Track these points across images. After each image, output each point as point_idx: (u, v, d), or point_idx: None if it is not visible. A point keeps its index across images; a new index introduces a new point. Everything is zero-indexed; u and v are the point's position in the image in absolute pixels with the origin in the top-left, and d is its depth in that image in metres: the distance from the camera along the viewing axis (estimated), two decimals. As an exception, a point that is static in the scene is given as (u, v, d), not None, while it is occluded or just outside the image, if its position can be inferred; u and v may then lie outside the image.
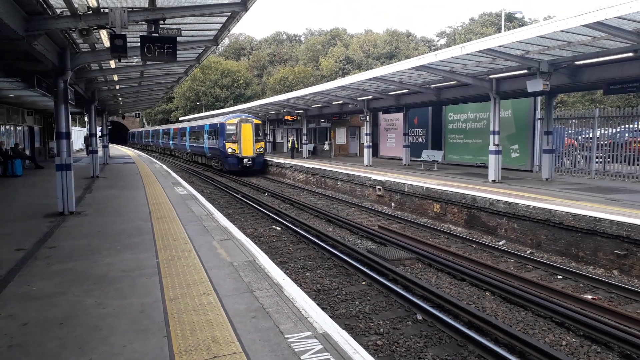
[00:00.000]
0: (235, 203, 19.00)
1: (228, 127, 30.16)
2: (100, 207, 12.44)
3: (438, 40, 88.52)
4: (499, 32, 37.74)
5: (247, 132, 30.18)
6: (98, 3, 9.06)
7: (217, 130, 31.25)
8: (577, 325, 6.90)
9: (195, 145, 38.86)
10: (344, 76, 52.99)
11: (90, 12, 9.14)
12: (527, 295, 7.88)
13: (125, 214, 11.26)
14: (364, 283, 8.98)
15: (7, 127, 25.24)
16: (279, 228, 14.04)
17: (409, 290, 8.39)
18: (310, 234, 12.81)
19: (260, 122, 31.85)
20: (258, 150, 30.57)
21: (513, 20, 65.97)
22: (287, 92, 45.16)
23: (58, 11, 9.41)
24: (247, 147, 30.14)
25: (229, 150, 29.73)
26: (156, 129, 67.13)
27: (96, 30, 9.71)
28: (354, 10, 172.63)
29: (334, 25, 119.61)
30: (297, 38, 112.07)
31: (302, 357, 4.14)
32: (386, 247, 11.56)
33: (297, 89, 49.23)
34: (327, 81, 46.37)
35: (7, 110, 24.28)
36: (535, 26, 11.35)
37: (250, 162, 30.11)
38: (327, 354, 4.22)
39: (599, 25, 10.14)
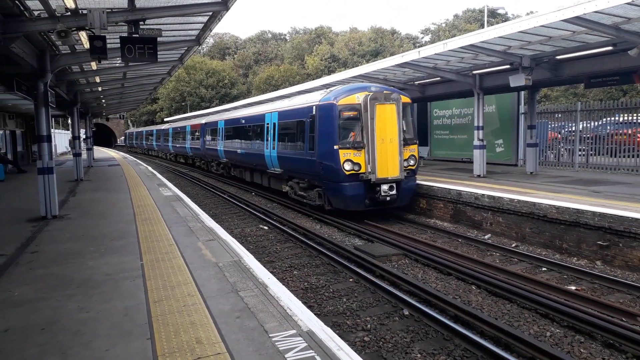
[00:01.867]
0: (222, 203, 18.90)
1: (344, 113, 13.84)
2: (84, 210, 12.31)
3: (422, 37, 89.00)
4: (482, 28, 38.08)
5: (389, 122, 13.60)
6: (76, 4, 8.94)
7: (312, 122, 14.74)
8: (561, 316, 6.97)
9: (241, 152, 22.45)
10: (330, 74, 53.10)
11: (69, 13, 9.03)
12: (513, 288, 7.95)
13: (109, 217, 11.16)
14: (351, 280, 8.99)
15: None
16: (266, 227, 14.00)
17: (395, 286, 8.41)
18: (297, 233, 12.79)
19: (409, 100, 15.02)
20: (408, 163, 14.28)
21: (496, 16, 66.47)
22: (272, 91, 45.01)
23: (35, 13, 9.28)
24: (387, 158, 13.58)
25: (346, 167, 13.39)
26: (163, 128, 49.04)
27: (75, 32, 9.59)
28: (338, 7, 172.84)
29: (318, 24, 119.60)
30: (282, 37, 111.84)
31: (286, 356, 4.13)
32: (373, 243, 11.57)
33: (283, 88, 49.17)
34: (313, 79, 46.37)
35: (-12, 115, 23.93)
36: (517, 21, 11.45)
37: (395, 193, 13.69)
38: (311, 351, 4.22)
39: (578, 20, 10.24)
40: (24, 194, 15.75)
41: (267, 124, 18.78)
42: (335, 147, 13.40)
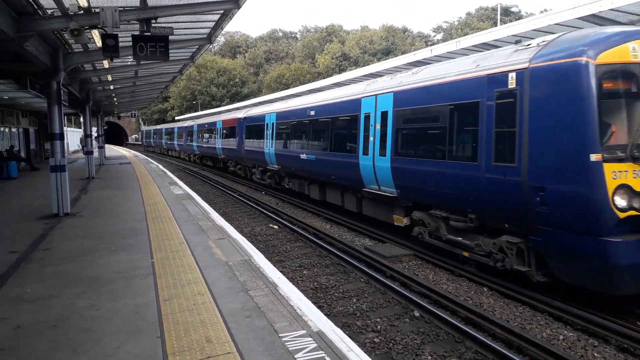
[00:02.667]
0: (232, 202, 18.95)
1: (608, 84, 6.70)
2: (96, 208, 12.39)
3: (435, 36, 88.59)
4: (495, 26, 37.78)
5: None
6: (89, 3, 9.00)
7: (504, 106, 7.75)
8: (574, 319, 6.87)
9: (308, 157, 15.86)
10: (340, 73, 53.08)
11: (82, 12, 9.11)
12: (525, 290, 7.85)
13: (120, 215, 11.21)
14: (361, 281, 8.94)
15: (2, 129, 25.16)
16: (276, 226, 13.99)
17: (406, 287, 8.36)
18: (307, 232, 12.76)
19: None
20: None
21: (509, 14, 65.99)
22: (283, 89, 45.00)
23: (49, 12, 9.36)
24: None
25: (619, 202, 6.37)
26: (186, 125, 40.48)
27: (88, 30, 9.67)
28: (350, 5, 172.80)
29: (329, 22, 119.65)
30: (293, 35, 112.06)
31: (296, 356, 4.10)
32: (384, 243, 11.51)
33: (294, 86, 49.21)
34: (324, 78, 46.34)
35: (2, 112, 24.21)
36: (530, 19, 11.35)
37: None
38: (321, 352, 4.18)
39: (593, 18, 10.12)
40: (37, 192, 15.90)
41: (366, 114, 12.09)
42: (594, 157, 6.45)
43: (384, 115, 11.27)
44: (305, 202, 17.21)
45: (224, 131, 28.38)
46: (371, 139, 11.76)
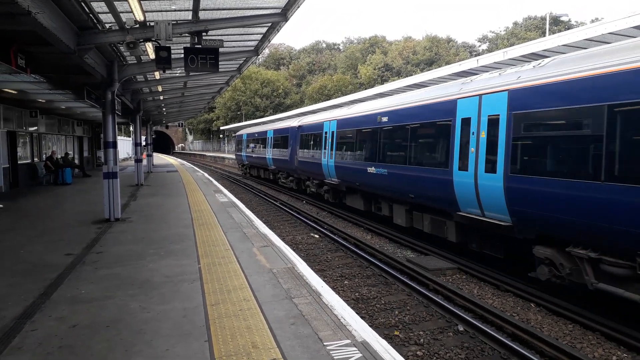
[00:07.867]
0: (274, 210, 19.18)
1: None
2: (145, 214, 12.81)
3: (480, 46, 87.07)
4: (544, 36, 36.83)
5: None
6: (144, 17, 9.39)
7: None
8: (628, 339, 6.58)
9: None
10: (383, 83, 52.94)
11: (137, 25, 9.50)
12: (575, 307, 7.59)
13: (168, 221, 11.55)
14: (403, 293, 8.85)
15: (58, 137, 26.41)
16: (317, 236, 14.06)
17: (450, 300, 8.23)
18: (348, 242, 12.76)
19: None
20: None
21: (559, 24, 64.14)
22: (326, 100, 45.35)
23: (107, 25, 9.82)
24: None
25: None
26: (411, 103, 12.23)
27: (142, 43, 10.08)
28: (393, 16, 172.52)
29: (373, 33, 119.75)
30: (336, 47, 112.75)
31: (341, 365, 4.13)
32: (427, 256, 11.37)
33: (336, 97, 49.43)
34: (366, 89, 46.33)
35: (59, 121, 25.42)
36: (582, 29, 11.05)
37: None
38: (366, 362, 4.19)
39: (650, 27, 9.75)
40: (89, 197, 16.58)
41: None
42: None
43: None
44: (344, 211, 17.22)
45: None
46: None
